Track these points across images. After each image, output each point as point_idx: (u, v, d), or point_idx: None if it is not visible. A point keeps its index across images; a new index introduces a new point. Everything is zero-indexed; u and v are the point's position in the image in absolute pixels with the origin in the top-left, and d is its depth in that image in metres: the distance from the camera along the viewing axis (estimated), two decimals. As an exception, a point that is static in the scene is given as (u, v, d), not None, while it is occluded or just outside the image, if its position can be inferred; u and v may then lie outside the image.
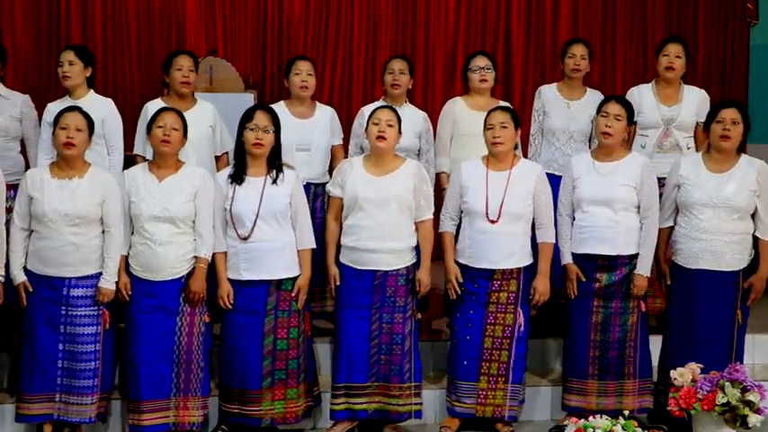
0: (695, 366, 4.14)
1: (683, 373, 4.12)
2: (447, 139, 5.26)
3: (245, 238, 4.38)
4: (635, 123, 5.13)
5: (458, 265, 4.57)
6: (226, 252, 4.43)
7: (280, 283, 4.43)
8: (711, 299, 4.50)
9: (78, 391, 4.30)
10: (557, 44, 7.24)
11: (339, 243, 4.56)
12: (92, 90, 5.06)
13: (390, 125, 4.47)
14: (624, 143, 4.72)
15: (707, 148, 4.61)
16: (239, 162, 4.47)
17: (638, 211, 4.56)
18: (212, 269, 4.44)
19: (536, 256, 4.60)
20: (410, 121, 5.07)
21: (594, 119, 4.69)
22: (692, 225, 4.51)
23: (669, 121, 5.17)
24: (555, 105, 5.35)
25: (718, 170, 4.52)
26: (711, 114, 4.58)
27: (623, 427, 3.66)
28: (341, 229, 4.54)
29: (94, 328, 4.32)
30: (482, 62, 5.27)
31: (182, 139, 4.41)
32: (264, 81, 6.95)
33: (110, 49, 6.78)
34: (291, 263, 4.45)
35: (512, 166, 4.55)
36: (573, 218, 4.63)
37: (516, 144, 4.67)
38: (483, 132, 4.58)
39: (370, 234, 4.43)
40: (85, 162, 4.37)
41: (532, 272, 4.56)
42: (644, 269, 4.55)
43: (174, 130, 4.35)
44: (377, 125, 4.47)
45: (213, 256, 4.40)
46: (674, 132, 5.15)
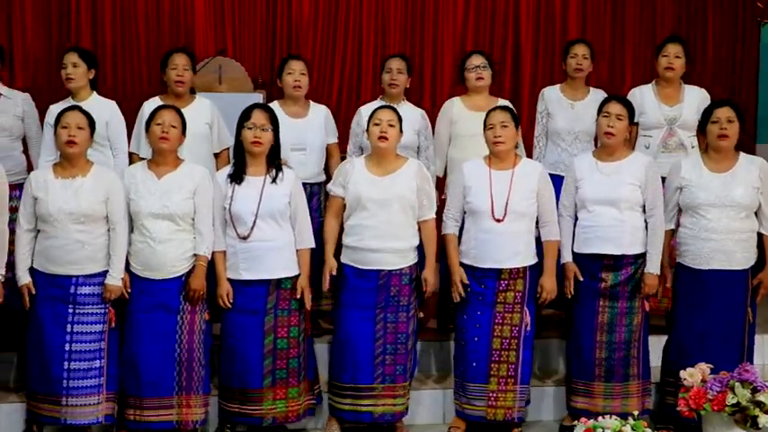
0: (705, 366, 4.13)
1: (692, 374, 4.11)
2: (444, 142, 5.26)
3: (244, 238, 4.39)
4: (636, 124, 5.15)
5: (463, 265, 4.55)
6: (225, 251, 4.43)
7: (279, 283, 4.44)
8: (723, 299, 4.51)
9: (84, 392, 4.31)
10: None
11: (339, 242, 4.55)
12: (95, 92, 5.07)
13: (392, 125, 4.48)
14: (626, 143, 4.72)
15: (705, 149, 4.62)
16: (238, 161, 4.47)
17: (642, 211, 4.57)
18: (212, 267, 4.43)
19: (540, 255, 4.59)
20: (408, 118, 5.07)
21: (596, 119, 4.68)
22: (700, 226, 4.50)
23: (672, 120, 5.17)
24: (559, 106, 5.35)
25: (720, 170, 4.53)
26: (706, 115, 4.60)
27: (633, 428, 3.65)
28: (341, 228, 4.54)
29: (101, 326, 4.33)
30: (477, 61, 5.26)
31: (180, 137, 4.42)
32: (273, 81, 6.92)
33: (119, 51, 6.79)
34: (291, 262, 4.46)
35: (514, 165, 4.55)
36: (575, 218, 4.62)
37: (516, 143, 4.67)
38: (483, 132, 4.57)
39: (373, 234, 4.44)
40: (88, 161, 4.40)
41: (538, 271, 4.56)
42: (654, 267, 4.55)
43: (173, 127, 4.37)
44: (378, 125, 4.47)
45: (212, 255, 4.40)
46: (677, 132, 5.15)
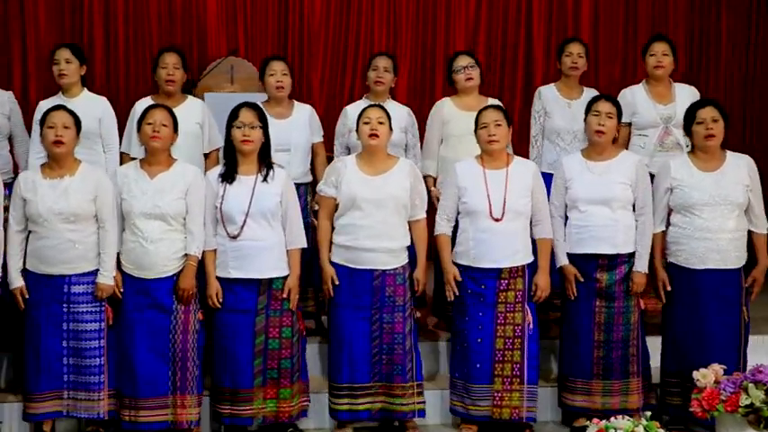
0: (718, 367, 4.11)
1: (705, 374, 4.09)
2: (435, 142, 5.24)
3: (234, 237, 4.38)
4: (630, 124, 5.16)
5: (461, 266, 4.54)
6: (215, 250, 4.43)
7: (270, 283, 4.42)
8: (719, 298, 4.51)
9: (86, 387, 4.32)
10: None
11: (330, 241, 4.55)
12: (85, 88, 5.07)
13: (381, 123, 4.48)
14: (619, 143, 4.74)
15: (692, 149, 4.63)
16: (229, 161, 4.46)
17: (633, 209, 4.57)
18: (203, 267, 4.43)
19: (533, 253, 4.59)
20: (395, 116, 5.04)
21: (585, 118, 4.67)
22: (694, 226, 4.50)
23: (668, 119, 5.14)
24: (556, 105, 5.34)
25: (709, 169, 4.53)
26: (689, 117, 4.59)
27: (645, 428, 3.63)
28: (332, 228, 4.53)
29: (97, 324, 4.33)
30: (464, 61, 5.26)
31: (172, 135, 4.42)
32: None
33: (132, 49, 6.85)
34: (281, 262, 4.44)
35: (507, 164, 4.55)
36: (565, 218, 4.63)
37: (508, 142, 4.67)
38: (475, 131, 4.57)
39: (367, 233, 4.43)
40: (76, 159, 4.39)
41: (533, 269, 4.56)
42: (642, 266, 4.56)
43: (164, 126, 4.37)
44: (368, 124, 4.47)
45: (203, 254, 4.40)
46: (673, 131, 5.10)
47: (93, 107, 4.95)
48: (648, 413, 3.75)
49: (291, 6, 7.08)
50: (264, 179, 4.43)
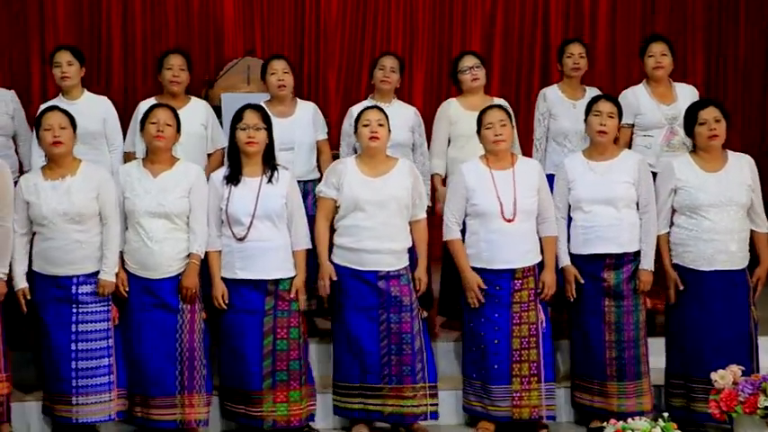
0: (736, 368, 4.09)
1: (723, 376, 4.07)
2: (443, 141, 5.23)
3: (241, 239, 4.38)
4: (632, 126, 5.15)
5: (474, 269, 4.52)
6: (220, 251, 4.43)
7: (277, 283, 4.42)
8: (727, 299, 4.49)
9: (96, 390, 4.31)
10: (595, 45, 7.21)
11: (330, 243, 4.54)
12: (85, 90, 5.09)
13: (381, 124, 4.47)
14: (620, 145, 4.74)
15: (693, 149, 4.61)
16: (234, 163, 4.46)
17: (637, 208, 4.57)
18: (206, 268, 4.43)
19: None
20: (402, 116, 5.07)
21: (586, 119, 4.66)
22: (701, 227, 4.48)
23: (673, 119, 5.11)
24: (561, 107, 5.33)
25: (713, 169, 4.52)
26: (690, 118, 4.57)
27: (663, 429, 3.61)
28: (331, 229, 4.53)
29: (105, 323, 4.33)
30: (470, 62, 5.24)
31: (175, 135, 4.43)
32: (301, 82, 6.98)
33: (149, 49, 6.89)
34: (287, 263, 4.44)
35: (513, 164, 4.55)
36: (568, 219, 4.63)
37: (512, 142, 4.68)
38: (480, 131, 4.56)
39: (371, 235, 4.42)
40: (75, 159, 4.37)
41: (540, 267, 4.57)
42: (648, 264, 4.55)
43: (168, 125, 4.37)
44: (368, 126, 4.47)
45: (207, 254, 4.40)
46: (678, 130, 5.06)
47: (96, 108, 4.97)
48: (666, 414, 3.72)
49: (308, 7, 7.11)
50: (269, 180, 4.43)
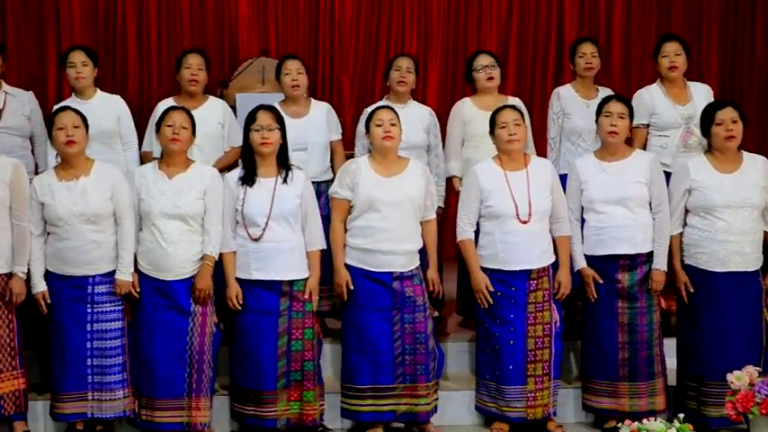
0: (753, 369, 4.06)
1: (740, 377, 4.04)
2: (458, 142, 5.22)
3: (256, 239, 4.38)
4: (647, 126, 5.14)
5: (490, 270, 4.52)
6: (234, 252, 4.44)
7: (292, 284, 4.43)
8: (740, 300, 4.48)
9: (110, 387, 4.34)
10: (610, 45, 7.18)
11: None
12: (98, 89, 5.11)
13: (393, 124, 4.47)
14: (636, 146, 4.74)
15: (708, 150, 4.59)
16: (248, 164, 4.46)
17: (650, 208, 4.56)
18: (220, 269, 4.43)
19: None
20: (417, 117, 5.07)
21: (597, 119, 4.65)
22: (715, 228, 4.46)
23: (689, 119, 5.10)
24: (575, 106, 5.31)
25: (728, 170, 4.50)
26: (707, 117, 4.55)
27: (678, 430, 3.59)
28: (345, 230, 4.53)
29: (120, 323, 4.36)
30: (486, 60, 5.23)
31: (190, 138, 4.45)
32: (315, 83, 6.98)
33: (164, 50, 6.92)
34: (302, 264, 4.45)
35: (526, 165, 4.55)
36: (581, 221, 4.62)
37: (526, 142, 4.68)
38: (493, 131, 4.55)
39: (386, 236, 4.42)
40: (88, 159, 4.40)
41: (555, 267, 4.56)
42: (661, 264, 4.54)
43: (183, 128, 4.38)
44: (380, 126, 4.47)
45: (221, 256, 4.41)
46: (695, 130, 5.04)
47: (110, 107, 4.99)
48: (681, 415, 3.70)
49: (322, 7, 7.11)
50: (284, 181, 4.44)
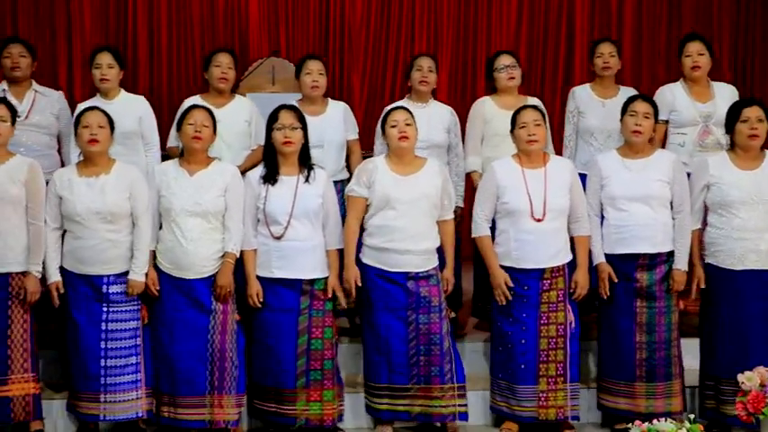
0: (764, 370, 4.04)
1: (751, 377, 4.03)
2: (478, 139, 5.23)
3: (278, 238, 4.40)
4: (666, 122, 5.14)
5: (503, 268, 4.52)
6: (255, 250, 4.45)
7: (312, 283, 4.44)
8: (760, 299, 4.48)
9: (123, 388, 4.35)
10: (621, 45, 7.15)
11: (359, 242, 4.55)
12: (122, 90, 5.13)
13: (409, 124, 4.49)
14: (655, 142, 4.71)
15: (731, 147, 4.59)
16: (270, 163, 4.48)
17: (671, 207, 4.55)
18: (241, 267, 4.44)
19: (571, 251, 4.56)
20: (438, 116, 5.08)
21: (620, 118, 4.65)
22: (732, 225, 4.47)
23: (707, 117, 5.10)
24: (590, 105, 5.32)
25: (749, 167, 4.51)
26: (733, 114, 4.55)
27: (689, 431, 3.58)
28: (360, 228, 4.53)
29: (135, 323, 4.37)
30: (507, 60, 5.26)
31: (212, 136, 4.47)
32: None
33: (175, 50, 6.94)
34: (322, 263, 4.47)
35: (545, 163, 4.54)
36: (601, 217, 4.61)
37: (545, 142, 4.67)
38: (514, 131, 4.56)
39: (403, 235, 4.43)
40: (110, 158, 4.43)
41: (572, 267, 4.54)
42: (682, 264, 4.53)
43: (205, 126, 4.41)
44: (395, 126, 4.49)
45: (242, 254, 4.41)
46: (713, 129, 5.06)
47: (133, 107, 5.01)
48: (692, 416, 3.69)
49: (332, 7, 7.11)
50: (306, 180, 4.46)
